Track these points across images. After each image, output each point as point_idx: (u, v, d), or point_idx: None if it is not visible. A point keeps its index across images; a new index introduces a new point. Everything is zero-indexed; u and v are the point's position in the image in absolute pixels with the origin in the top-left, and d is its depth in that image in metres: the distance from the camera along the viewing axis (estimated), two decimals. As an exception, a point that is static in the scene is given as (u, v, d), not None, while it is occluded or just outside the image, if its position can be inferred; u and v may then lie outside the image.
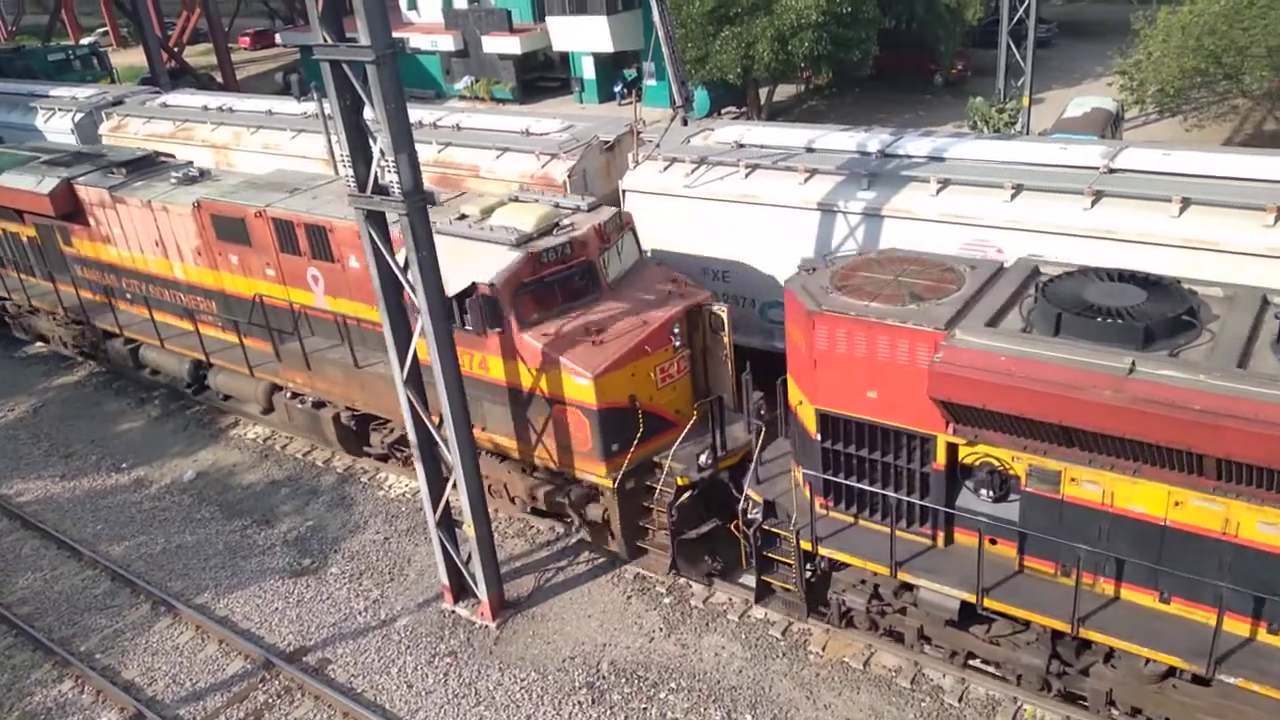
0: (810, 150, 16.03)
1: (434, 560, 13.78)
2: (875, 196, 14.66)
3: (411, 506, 16.19)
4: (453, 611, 13.84)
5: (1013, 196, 13.64)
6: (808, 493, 11.74)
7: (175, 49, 49.94)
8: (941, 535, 11.07)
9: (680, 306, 13.25)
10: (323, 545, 15.65)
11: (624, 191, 17.05)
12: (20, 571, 15.91)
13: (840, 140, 16.17)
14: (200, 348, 18.24)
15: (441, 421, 12.39)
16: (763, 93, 35.96)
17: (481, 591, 13.41)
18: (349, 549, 15.49)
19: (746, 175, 15.87)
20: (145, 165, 19.26)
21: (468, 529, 12.94)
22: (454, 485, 12.77)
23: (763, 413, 13.12)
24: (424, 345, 12.39)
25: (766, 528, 12.26)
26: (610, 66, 41.56)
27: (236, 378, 17.99)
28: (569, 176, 17.33)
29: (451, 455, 12.49)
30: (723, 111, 36.77)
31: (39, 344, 23.54)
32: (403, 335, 12.17)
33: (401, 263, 11.67)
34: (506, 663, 12.87)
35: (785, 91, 39.39)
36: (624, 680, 12.41)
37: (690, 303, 13.40)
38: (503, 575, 13.79)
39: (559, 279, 13.10)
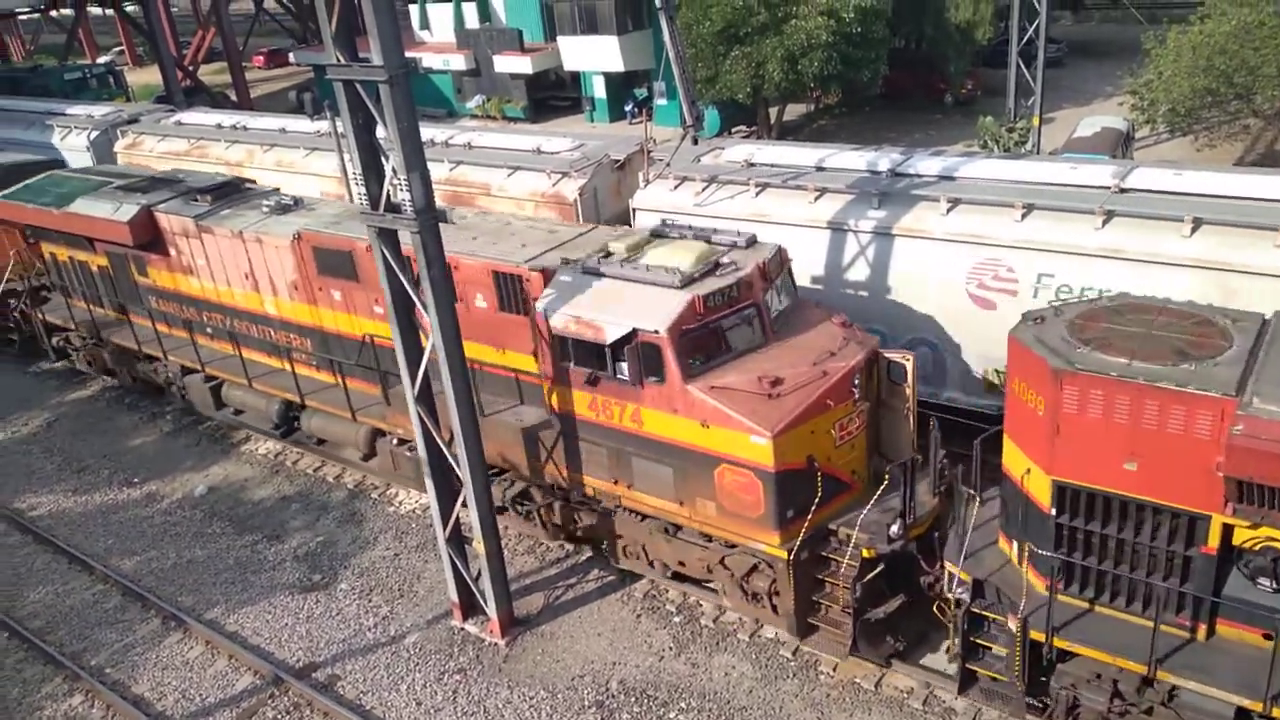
0: (820, 169, 16.09)
1: (444, 577, 13.78)
2: (885, 215, 14.70)
3: (422, 523, 16.21)
4: (462, 629, 13.83)
5: (1023, 216, 13.67)
6: (1028, 572, 10.27)
7: (190, 68, 50.49)
8: (1203, 627, 9.58)
9: (862, 355, 11.94)
10: (333, 561, 15.68)
11: (634, 210, 17.14)
12: (32, 585, 15.96)
13: (850, 159, 16.23)
14: (294, 388, 16.92)
15: (452, 438, 12.42)
16: (773, 112, 36.11)
17: (491, 609, 13.40)
18: (359, 565, 15.50)
19: (757, 194, 15.94)
20: (230, 192, 18.16)
21: (478, 546, 12.95)
22: (464, 502, 12.78)
23: (945, 474, 12.01)
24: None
25: (976, 610, 10.80)
26: (621, 86, 41.81)
27: (335, 421, 16.70)
28: (580, 195, 17.44)
29: (462, 472, 12.52)
30: (733, 130, 36.95)
31: (59, 362, 23.58)
32: (414, 353, 12.22)
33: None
34: (516, 681, 12.84)
35: (795, 110, 39.55)
36: (633, 699, 12.36)
37: (870, 350, 12.16)
38: (512, 592, 13.78)
39: (725, 324, 11.91)
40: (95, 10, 63.05)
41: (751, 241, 12.88)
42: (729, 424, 11.32)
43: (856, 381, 11.76)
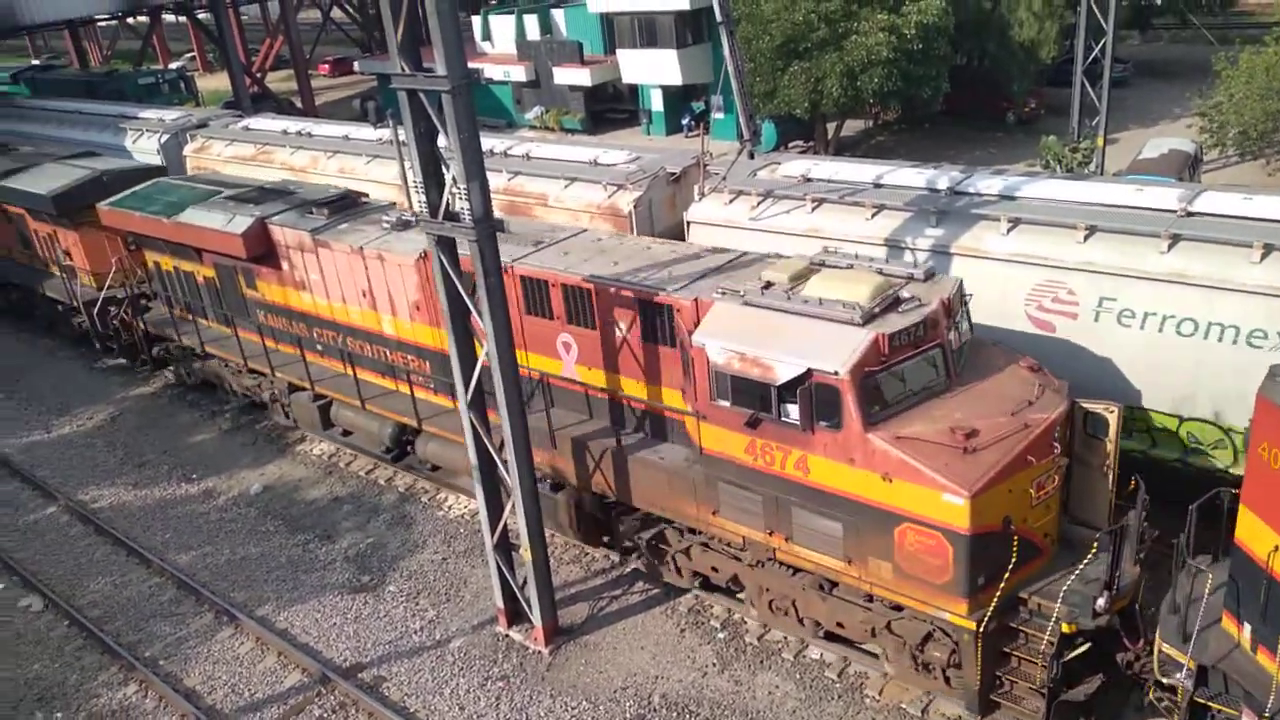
0: (878, 186, 15.96)
1: (490, 583, 13.88)
2: (944, 234, 14.53)
3: (470, 528, 16.35)
4: (506, 635, 13.90)
5: (1086, 238, 13.41)
6: (1270, 663, 9.13)
7: (258, 74, 51.76)
8: None
9: (1064, 406, 10.92)
10: (382, 563, 15.87)
11: (689, 223, 17.15)
12: (93, 576, 16.39)
13: (909, 177, 16.07)
14: (411, 412, 16.19)
15: (502, 445, 12.52)
16: (830, 127, 35.94)
17: (536, 617, 13.45)
18: (407, 568, 15.67)
19: (812, 209, 15.85)
20: (347, 206, 17.61)
21: (524, 553, 13.02)
22: (512, 509, 12.87)
23: (1145, 539, 11.04)
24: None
25: (1201, 700, 9.80)
26: (678, 99, 41.92)
27: (453, 448, 15.59)
28: (634, 207, 17.51)
29: (511, 478, 12.60)
30: (790, 145, 36.82)
31: (167, 373, 23.99)
32: (468, 359, 12.35)
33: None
34: (558, 690, 12.87)
35: (853, 126, 39.32)
36: (675, 714, 12.31)
37: (1069, 399, 11.14)
38: (557, 601, 13.83)
39: (908, 366, 10.89)
40: (169, 18, 64.94)
41: (930, 274, 11.78)
42: (918, 479, 10.22)
43: (1056, 435, 10.73)
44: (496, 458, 12.76)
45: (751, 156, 18.31)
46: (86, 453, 20.55)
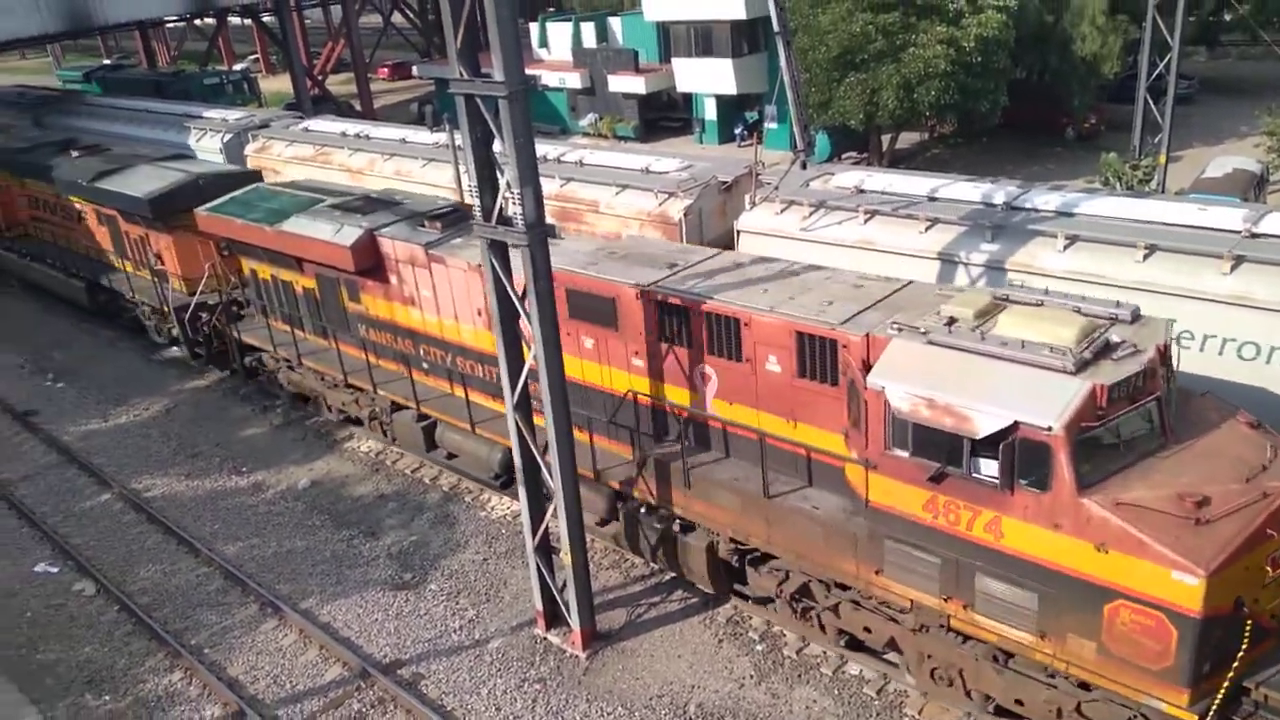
0: (932, 199, 15.81)
1: (530, 585, 13.94)
2: (999, 249, 14.34)
3: (511, 529, 16.45)
4: (544, 638, 13.94)
5: (1145, 257, 13.15)
6: None
7: (319, 77, 52.74)
8: None
9: None
10: (424, 561, 16.01)
11: (739, 232, 17.13)
12: (143, 563, 16.76)
13: (964, 190, 15.89)
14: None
15: (547, 448, 12.58)
16: (885, 139, 35.66)
17: (574, 620, 13.48)
18: (449, 567, 15.80)
19: (865, 221, 15.74)
20: (460, 219, 16.54)
21: (565, 557, 13.06)
22: (554, 512, 12.92)
23: None
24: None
25: None
26: (732, 108, 41.90)
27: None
28: (685, 215, 17.52)
29: (554, 481, 12.66)
30: (843, 156, 36.60)
31: (250, 381, 24.25)
32: (516, 363, 12.44)
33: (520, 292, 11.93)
34: (594, 695, 12.87)
35: (909, 139, 38.96)
36: (711, 724, 12.26)
37: None
38: (596, 606, 13.85)
39: (1124, 422, 9.79)
40: (235, 20, 66.42)
41: (1136, 315, 10.58)
42: (1141, 553, 9.07)
43: None
44: (540, 460, 12.82)
45: (804, 167, 18.23)
46: (142, 442, 21.04)
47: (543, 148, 20.12)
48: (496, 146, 11.35)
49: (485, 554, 16.06)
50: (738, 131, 41.66)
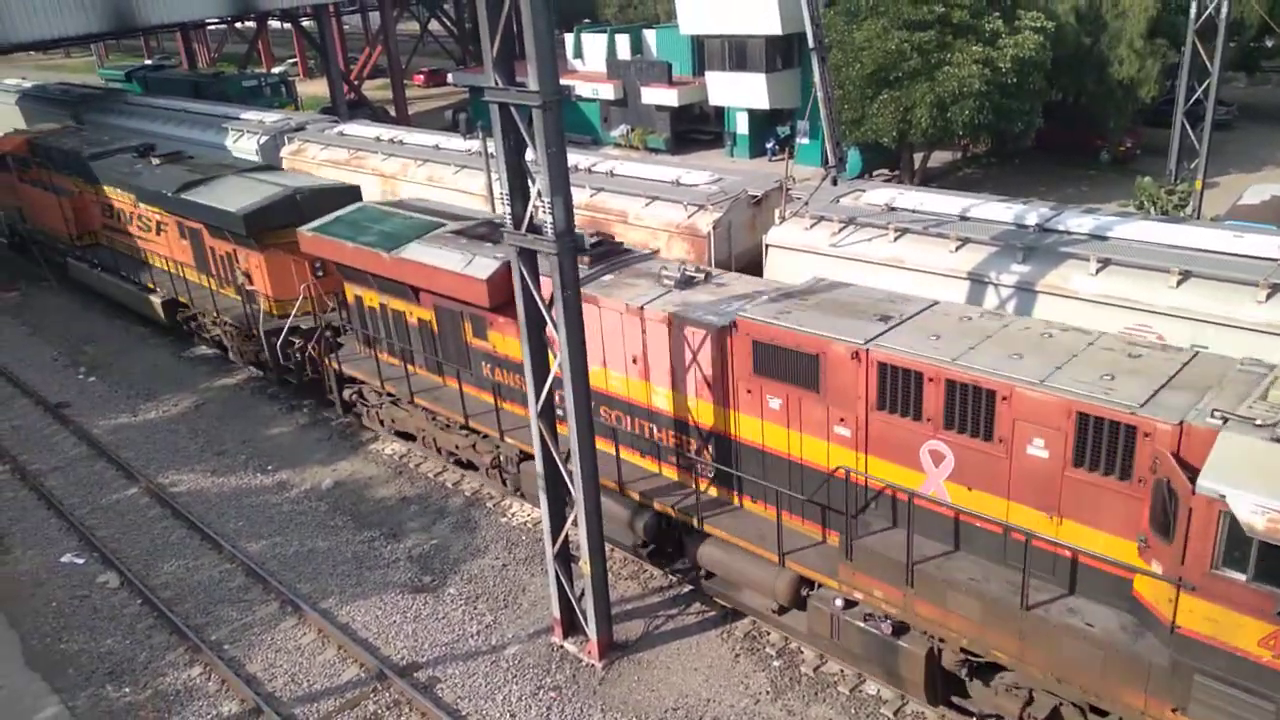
0: (964, 219, 15.75)
1: (548, 592, 13.94)
2: (1030, 271, 14.25)
3: (531, 536, 16.47)
4: (561, 646, 13.94)
5: (1179, 283, 13.03)
6: None
7: (355, 82, 53.28)
8: None
9: None
10: (444, 565, 16.07)
11: (767, 246, 17.13)
12: (167, 557, 16.93)
13: (996, 211, 15.82)
14: (682, 502, 13.65)
15: (569, 456, 12.60)
16: (917, 157, 35.54)
17: (591, 630, 13.47)
18: (468, 571, 15.84)
19: (895, 239, 15.70)
20: (611, 254, 15.13)
21: (584, 566, 13.06)
22: (575, 521, 12.93)
23: None
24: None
25: None
26: (764, 123, 41.92)
27: (747, 560, 13.00)
28: (714, 228, 17.54)
29: (575, 489, 12.67)
30: (875, 174, 36.50)
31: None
32: (541, 370, 12.48)
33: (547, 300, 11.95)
34: (609, 705, 12.85)
35: (941, 158, 38.81)
36: (725, 739, 12.20)
37: None
38: (613, 616, 13.83)
39: None
40: (275, 24, 67.32)
41: None
42: None
43: None
44: (562, 469, 12.85)
45: (835, 183, 18.23)
46: (169, 438, 21.27)
47: (574, 157, 20.18)
48: (528, 155, 11.41)
49: (505, 560, 16.09)
50: (769, 146, 41.68)
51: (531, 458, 14.26)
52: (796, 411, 12.27)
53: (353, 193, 21.59)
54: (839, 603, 12.02)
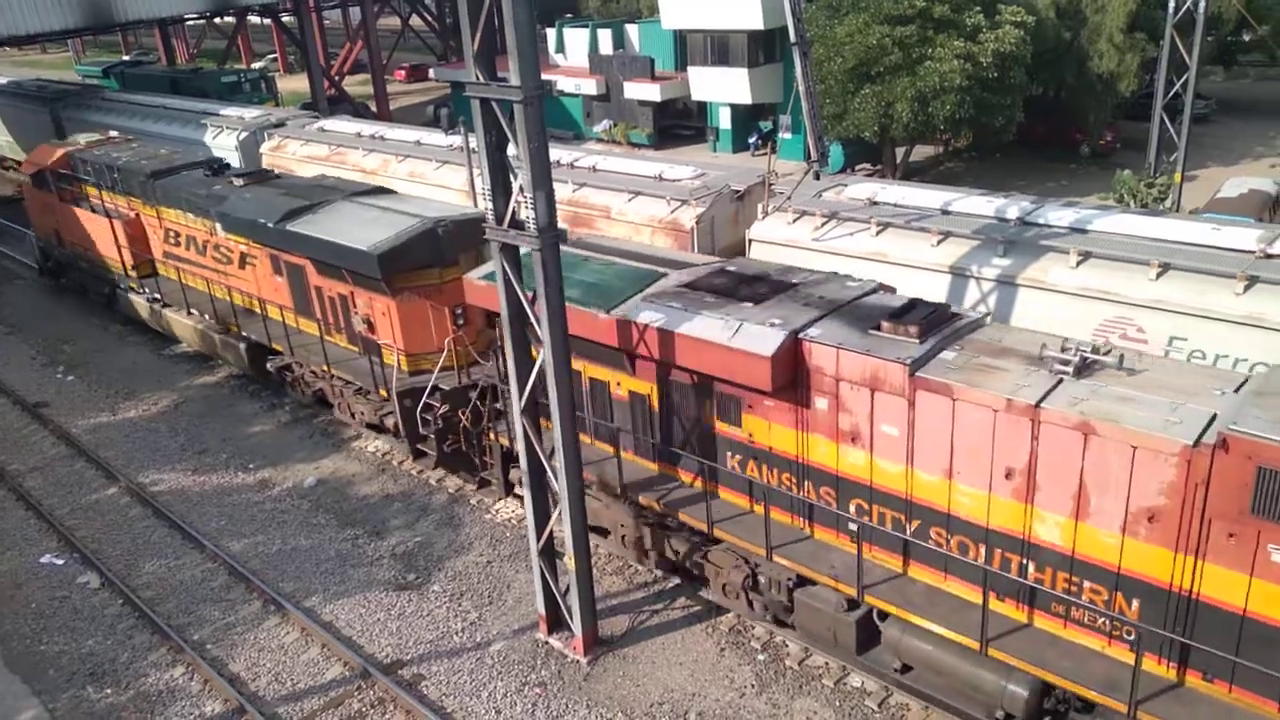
0: (945, 213, 15.82)
1: (533, 588, 13.92)
2: (1011, 264, 14.33)
3: (516, 533, 16.44)
4: (546, 642, 13.93)
5: (1158, 275, 13.13)
6: None
7: (336, 78, 52.95)
8: None
9: None
10: (428, 562, 16.02)
11: (750, 241, 17.15)
12: (148, 557, 16.80)
13: (977, 205, 15.90)
14: (1070, 671, 10.12)
15: (553, 452, 12.58)
16: (899, 152, 35.67)
17: (576, 625, 13.46)
18: (452, 568, 15.80)
19: (877, 233, 15.75)
20: (940, 321, 11.39)
21: (569, 561, 13.05)
22: (559, 517, 12.91)
23: None
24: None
25: None
26: (746, 117, 41.96)
27: None
28: (696, 223, 17.55)
29: (559, 486, 12.65)
30: (857, 168, 36.60)
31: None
32: (524, 367, 12.44)
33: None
34: (595, 700, 12.85)
35: (922, 152, 38.95)
36: (711, 733, 12.22)
37: None
38: (598, 611, 13.82)
39: None
40: (254, 20, 66.84)
41: None
42: None
43: None
44: (546, 465, 12.82)
45: (818, 177, 18.27)
46: (150, 437, 21.10)
47: (556, 153, 20.19)
48: (511, 150, 11.37)
49: (489, 556, 16.05)
50: (752, 141, 41.72)
51: (809, 583, 12.37)
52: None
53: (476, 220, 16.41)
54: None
